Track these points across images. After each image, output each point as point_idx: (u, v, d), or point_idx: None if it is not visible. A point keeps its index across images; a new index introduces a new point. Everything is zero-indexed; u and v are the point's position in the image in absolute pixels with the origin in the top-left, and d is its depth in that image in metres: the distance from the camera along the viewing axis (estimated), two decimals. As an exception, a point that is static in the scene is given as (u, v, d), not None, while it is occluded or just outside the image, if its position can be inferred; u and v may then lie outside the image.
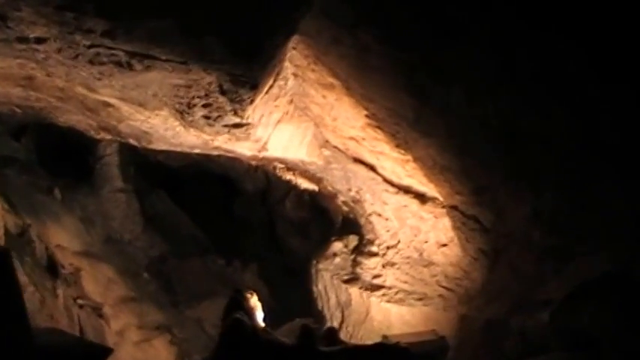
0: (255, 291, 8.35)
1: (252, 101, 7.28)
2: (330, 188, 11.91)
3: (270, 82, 7.48)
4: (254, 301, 7.78)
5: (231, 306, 6.86)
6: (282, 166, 12.40)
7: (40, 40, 6.46)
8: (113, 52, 6.53)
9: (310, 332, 6.81)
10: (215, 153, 10.61)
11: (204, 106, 7.61)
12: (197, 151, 10.55)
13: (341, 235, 11.94)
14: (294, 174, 12.86)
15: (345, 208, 11.91)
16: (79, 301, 10.42)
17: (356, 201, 11.04)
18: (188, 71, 6.74)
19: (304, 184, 13.08)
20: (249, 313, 6.77)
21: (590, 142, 6.22)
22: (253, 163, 12.51)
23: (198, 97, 7.44)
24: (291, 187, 14.53)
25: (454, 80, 6.53)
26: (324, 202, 14.13)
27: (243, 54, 6.24)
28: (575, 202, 7.15)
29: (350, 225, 11.89)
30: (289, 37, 6.67)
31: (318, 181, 11.75)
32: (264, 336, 6.45)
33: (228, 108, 7.51)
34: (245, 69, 6.62)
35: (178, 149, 10.65)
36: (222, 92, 7.12)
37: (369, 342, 10.32)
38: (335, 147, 9.76)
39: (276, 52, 6.83)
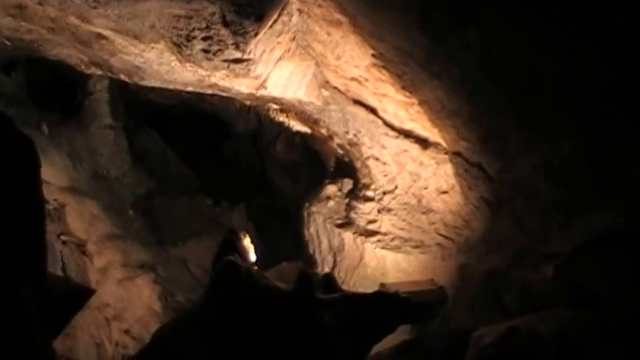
0: (247, 233, 8.09)
1: (255, 34, 6.90)
2: (324, 130, 11.58)
3: (275, 15, 7.08)
4: (247, 242, 7.52)
5: (224, 247, 6.55)
6: (277, 107, 12.08)
7: None
8: (111, -24, 6.10)
9: (308, 278, 6.53)
10: (209, 92, 10.25)
11: (205, 38, 7.20)
12: (190, 89, 10.16)
13: (335, 178, 11.67)
14: (287, 116, 12.60)
15: (340, 151, 11.62)
16: (63, 237, 10.09)
17: (353, 144, 10.74)
18: (190, 0, 6.31)
19: (297, 126, 12.83)
20: (244, 255, 6.47)
21: (615, 91, 5.90)
22: (248, 102, 12.16)
23: (198, 28, 7.04)
24: (282, 129, 14.42)
25: (472, 19, 6.16)
26: (316, 145, 13.96)
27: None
28: (591, 153, 6.89)
29: (345, 168, 11.63)
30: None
31: (314, 123, 11.43)
32: (260, 280, 6.16)
33: (230, 41, 7.11)
34: (252, -2, 6.22)
35: (171, 86, 10.24)
36: (225, 24, 6.73)
37: (363, 288, 10.17)
38: (335, 88, 9.45)
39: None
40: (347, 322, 6.36)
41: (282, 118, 12.85)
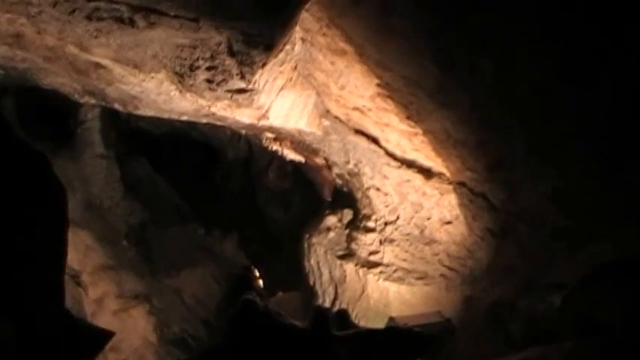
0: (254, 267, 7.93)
1: (263, 65, 6.74)
2: (322, 160, 11.44)
3: (282, 45, 6.93)
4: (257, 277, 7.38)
5: (240, 285, 6.41)
6: (271, 135, 11.88)
7: None
8: (115, 6, 5.93)
9: (324, 315, 6.42)
10: (204, 120, 10.02)
11: (209, 68, 7.02)
12: (185, 118, 9.95)
13: (334, 209, 11.48)
14: (281, 144, 12.42)
15: (339, 181, 11.46)
16: None
17: (353, 174, 10.59)
18: (197, 29, 6.15)
19: (291, 155, 12.64)
20: (259, 292, 6.32)
21: (630, 117, 5.82)
22: (243, 131, 11.95)
23: (202, 58, 6.86)
24: (274, 157, 14.32)
25: (485, 47, 6.05)
26: (309, 174, 13.82)
27: (267, 8, 5.66)
28: (603, 180, 6.79)
29: (344, 199, 11.46)
30: (314, -6, 6.11)
31: (312, 153, 11.26)
32: (277, 317, 6.01)
33: (235, 71, 6.94)
34: (263, 27, 6.06)
35: (165, 115, 10.04)
36: (231, 54, 6.55)
37: (365, 320, 10.04)
38: (336, 117, 9.33)
39: (298, 9, 6.28)
40: (362, 357, 6.24)
41: (275, 146, 12.65)
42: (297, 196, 15.75)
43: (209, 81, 7.31)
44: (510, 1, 5.47)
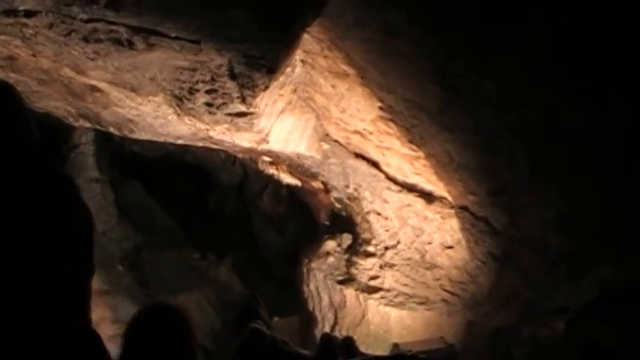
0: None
1: (265, 88, 6.59)
2: (319, 184, 11.31)
3: (284, 67, 6.82)
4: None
5: (246, 313, 6.26)
6: (268, 159, 11.76)
7: (30, 14, 5.70)
8: (113, 27, 5.78)
9: (331, 343, 6.29)
10: (200, 144, 9.88)
11: (209, 91, 6.87)
12: (181, 141, 9.80)
13: (333, 233, 11.33)
14: (277, 168, 12.29)
15: (337, 205, 11.31)
16: None
17: (352, 198, 10.45)
18: (198, 52, 6.02)
19: (287, 179, 12.52)
20: (266, 321, 6.18)
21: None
22: (240, 155, 11.84)
23: (202, 81, 6.71)
24: (269, 180, 14.21)
25: (491, 69, 5.97)
26: (305, 198, 13.62)
27: (270, 30, 5.54)
28: (608, 206, 6.72)
29: (342, 223, 11.30)
30: (318, 16, 5.99)
31: (310, 177, 11.12)
32: (283, 346, 5.87)
33: (236, 95, 6.80)
34: (266, 49, 5.91)
35: (161, 139, 9.88)
36: (232, 76, 6.41)
37: (366, 346, 9.76)
38: (335, 141, 9.22)
39: (301, 32, 6.17)
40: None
41: (272, 170, 12.53)
42: (292, 220, 15.65)
43: (208, 104, 7.17)
44: (517, 21, 5.37)
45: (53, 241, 2.90)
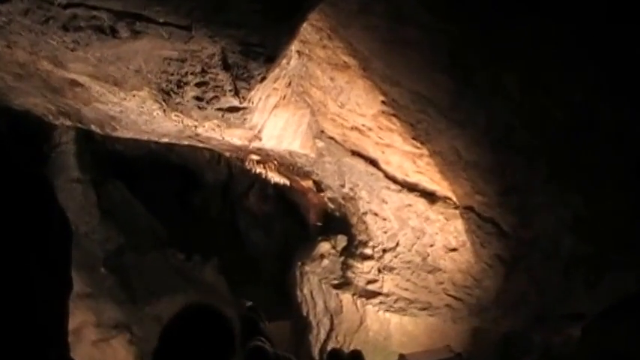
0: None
1: (262, 79, 6.01)
2: (311, 183, 10.81)
3: (282, 57, 6.24)
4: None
5: (247, 329, 5.74)
6: (256, 157, 11.22)
7: None
8: (95, 13, 5.18)
9: (338, 357, 5.83)
10: (186, 142, 9.33)
11: (199, 84, 6.27)
12: (165, 140, 9.27)
13: (327, 234, 10.82)
14: (265, 167, 11.76)
15: (331, 205, 10.81)
16: None
17: (348, 198, 9.94)
18: (189, 39, 5.43)
19: (275, 177, 12.02)
20: (267, 336, 5.66)
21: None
22: (227, 154, 11.29)
23: (192, 73, 6.12)
24: (255, 179, 14.02)
25: (514, 62, 5.45)
26: (294, 197, 13.37)
27: (274, 11, 4.94)
28: (631, 208, 6.25)
29: (337, 224, 10.83)
30: (323, -2, 5.42)
31: (304, 176, 10.59)
32: (287, 362, 5.39)
33: (228, 87, 6.22)
34: (267, 35, 5.33)
35: (145, 137, 9.36)
36: (226, 67, 5.82)
37: (364, 354, 9.39)
38: (331, 138, 8.71)
39: (306, 15, 5.59)
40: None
41: (259, 169, 12.02)
42: (280, 220, 15.48)
43: (198, 98, 6.58)
44: (544, 9, 4.85)
45: (23, 252, 2.44)
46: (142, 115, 7.58)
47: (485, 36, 5.30)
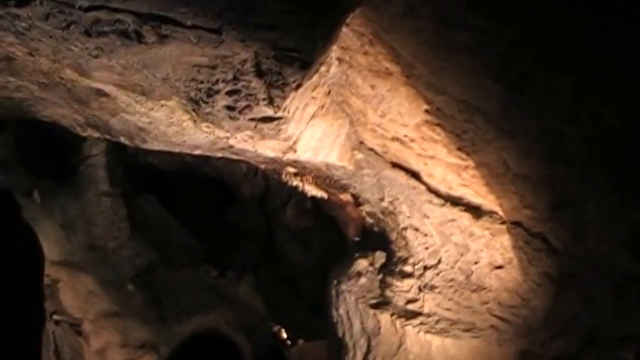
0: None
1: (297, 86, 5.75)
2: (350, 197, 10.48)
3: (319, 64, 5.94)
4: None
5: (271, 357, 5.46)
6: (293, 170, 10.95)
7: (21, 2, 4.94)
8: (118, 16, 5.00)
9: None
10: (219, 155, 9.08)
11: (230, 93, 6.02)
12: (198, 152, 9.02)
13: (364, 251, 10.45)
14: (302, 180, 11.49)
15: (369, 220, 10.45)
16: (56, 317, 9.88)
17: (387, 213, 9.57)
18: (219, 44, 5.18)
19: (312, 191, 11.73)
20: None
21: None
22: (262, 166, 11.03)
23: (223, 80, 5.88)
24: (292, 193, 13.76)
25: (570, 66, 5.09)
26: (332, 211, 12.91)
27: (309, 12, 4.64)
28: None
29: (375, 239, 10.43)
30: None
31: (341, 189, 10.28)
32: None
33: (262, 96, 5.95)
34: (302, 39, 5.04)
35: (177, 149, 9.12)
36: (259, 74, 5.57)
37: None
38: (371, 149, 8.41)
39: (344, 17, 5.30)
40: None
41: (296, 182, 11.75)
42: (318, 235, 15.17)
43: (230, 108, 6.32)
44: (605, 9, 4.49)
45: None
46: (172, 127, 7.37)
47: (540, 38, 4.96)
